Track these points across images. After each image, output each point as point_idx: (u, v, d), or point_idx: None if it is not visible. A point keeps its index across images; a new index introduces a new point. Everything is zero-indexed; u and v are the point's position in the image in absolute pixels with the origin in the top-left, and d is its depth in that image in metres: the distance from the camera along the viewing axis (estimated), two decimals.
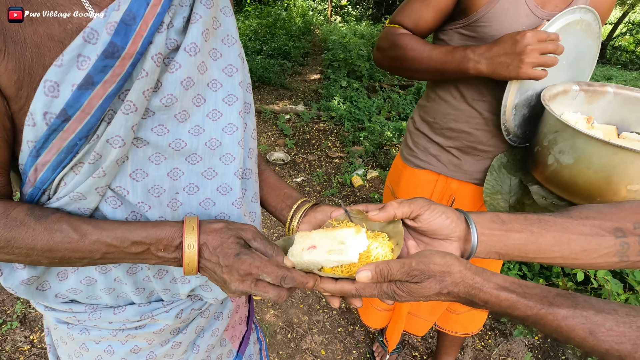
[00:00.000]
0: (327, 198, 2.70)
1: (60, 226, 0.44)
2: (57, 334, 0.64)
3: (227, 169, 0.54)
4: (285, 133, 3.63)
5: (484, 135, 0.98)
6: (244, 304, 0.81)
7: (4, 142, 0.43)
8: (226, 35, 0.52)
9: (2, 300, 1.63)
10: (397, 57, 0.94)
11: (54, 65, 0.39)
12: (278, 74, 5.23)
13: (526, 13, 0.83)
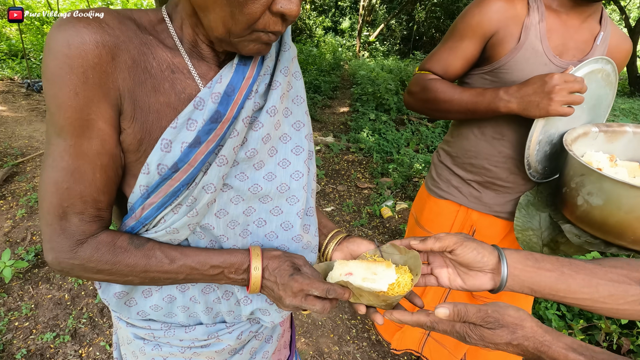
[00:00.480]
0: (356, 228, 2.75)
1: (155, 253, 0.53)
2: (128, 349, 0.71)
3: (291, 209, 0.61)
4: (316, 164, 3.75)
5: (502, 172, 1.02)
6: (287, 329, 0.87)
7: (115, 185, 0.52)
8: (296, 96, 0.61)
9: (57, 315, 1.76)
10: (429, 99, 1.00)
11: (170, 127, 0.48)
12: (309, 107, 5.47)
13: (545, 62, 0.89)
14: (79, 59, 0.42)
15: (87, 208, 0.50)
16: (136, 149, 0.50)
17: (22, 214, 2.46)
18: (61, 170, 0.47)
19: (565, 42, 0.90)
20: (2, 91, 4.81)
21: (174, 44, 0.50)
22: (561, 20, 0.90)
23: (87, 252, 0.50)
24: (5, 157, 3.19)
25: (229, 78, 0.50)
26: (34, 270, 2.00)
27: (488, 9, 0.90)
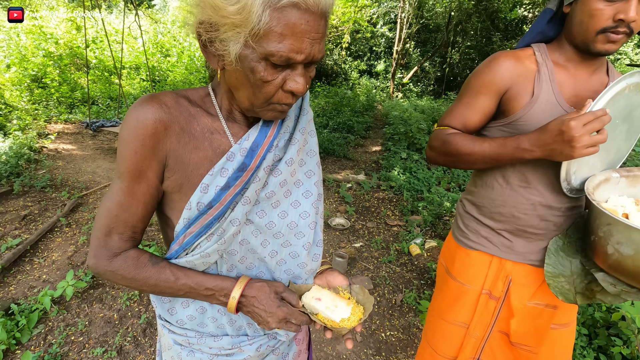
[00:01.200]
0: (384, 265, 2.78)
1: (165, 271, 0.68)
2: (168, 354, 0.83)
3: (298, 242, 0.74)
4: (346, 200, 3.88)
5: (532, 219, 1.00)
6: (304, 350, 0.96)
7: (149, 216, 0.69)
8: (310, 150, 0.76)
9: (106, 332, 1.95)
10: (450, 152, 1.01)
11: (208, 174, 0.63)
12: (342, 146, 5.69)
13: (561, 112, 0.91)
14: (141, 130, 0.60)
15: (127, 231, 0.66)
16: (178, 191, 0.66)
17: (83, 240, 2.77)
18: (115, 202, 0.64)
19: (578, 93, 0.93)
20: (73, 132, 5.50)
21: (216, 112, 0.67)
22: (570, 74, 0.94)
23: (119, 262, 0.66)
24: (73, 190, 3.63)
25: (255, 137, 0.65)
26: (90, 291, 2.24)
27: (498, 67, 0.94)
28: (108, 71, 8.27)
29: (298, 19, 0.50)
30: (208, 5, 0.52)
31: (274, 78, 0.55)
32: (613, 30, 0.82)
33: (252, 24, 0.50)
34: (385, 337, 2.09)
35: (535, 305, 1.08)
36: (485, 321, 1.13)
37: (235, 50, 0.53)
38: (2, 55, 6.74)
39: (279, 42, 0.51)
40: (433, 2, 12.15)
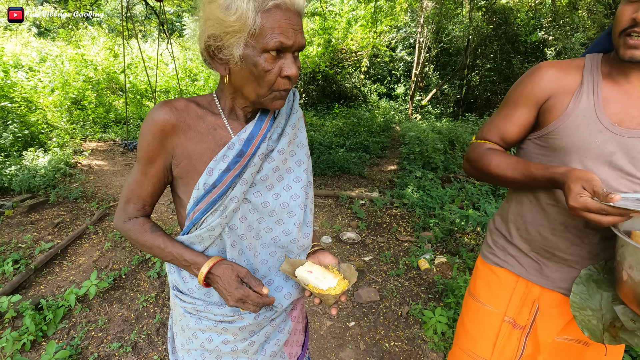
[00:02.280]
0: (392, 278, 2.81)
1: (158, 238, 0.81)
2: (179, 325, 0.94)
3: (290, 220, 0.86)
4: (358, 216, 3.95)
5: (561, 242, 0.93)
6: (301, 330, 1.05)
7: (158, 195, 0.84)
8: (300, 143, 0.89)
9: (123, 329, 2.08)
10: (484, 171, 0.99)
11: (213, 160, 0.77)
12: (357, 164, 5.80)
13: (600, 129, 0.84)
14: (153, 127, 0.75)
15: (139, 202, 0.83)
16: (186, 176, 0.80)
17: (108, 246, 2.97)
18: (133, 180, 0.82)
19: (627, 111, 0.84)
20: (106, 150, 5.90)
21: (219, 112, 0.81)
22: (621, 89, 0.85)
23: (129, 225, 0.83)
24: (102, 201, 3.90)
25: (251, 129, 0.79)
26: (111, 292, 2.40)
27: (541, 76, 0.91)
28: (140, 94, 8.86)
29: (282, 16, 0.65)
30: (214, 21, 0.67)
31: (273, 67, 0.69)
32: (630, 30, 0.76)
33: (249, 27, 0.65)
34: (389, 347, 2.11)
35: (565, 341, 0.99)
36: (507, 357, 1.05)
37: (238, 53, 0.67)
38: (48, 80, 7.40)
39: (272, 34, 0.65)
40: (452, 27, 12.37)
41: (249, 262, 0.86)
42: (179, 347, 0.96)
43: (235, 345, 0.89)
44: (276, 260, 0.89)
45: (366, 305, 2.48)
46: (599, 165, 0.86)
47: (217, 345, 0.89)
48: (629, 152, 0.83)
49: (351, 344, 2.11)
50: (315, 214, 4.04)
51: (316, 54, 11.13)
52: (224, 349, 0.89)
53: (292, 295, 0.91)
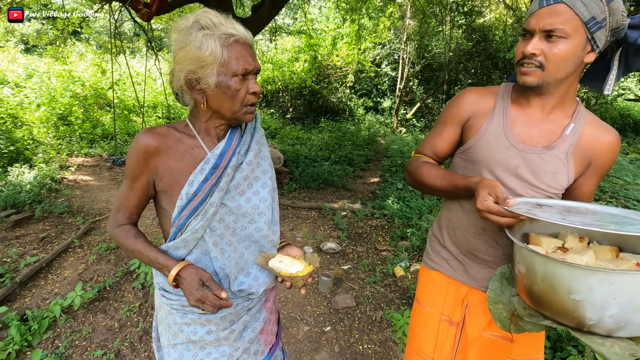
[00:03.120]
0: (369, 285, 2.95)
1: (139, 243, 0.95)
2: (164, 323, 1.05)
3: (261, 219, 1.01)
4: (340, 227, 4.09)
5: (481, 244, 1.06)
6: (274, 321, 1.19)
7: (142, 206, 0.98)
8: (264, 155, 1.04)
9: (107, 338, 2.16)
10: (419, 181, 1.12)
11: (193, 174, 0.91)
12: (341, 177, 5.97)
13: (507, 146, 0.99)
14: (138, 149, 0.90)
15: (126, 212, 0.97)
16: (169, 189, 0.94)
17: (93, 259, 3.04)
18: (122, 193, 0.96)
19: (529, 131, 0.99)
20: (92, 165, 5.95)
21: (194, 134, 0.96)
22: (525, 112, 1.00)
23: (117, 231, 0.97)
24: (87, 216, 3.96)
25: (223, 146, 0.94)
26: (95, 303, 2.48)
27: (464, 100, 1.07)
28: (128, 110, 8.95)
29: (241, 48, 0.85)
30: (191, 59, 0.83)
31: (242, 87, 0.87)
32: (523, 61, 0.91)
33: (219, 59, 0.82)
34: (363, 349, 2.23)
35: (491, 336, 1.10)
36: (447, 352, 1.17)
37: (213, 81, 0.84)
38: (34, 96, 7.45)
39: (237, 62, 0.84)
40: (434, 44, 12.86)
41: (230, 257, 0.99)
42: (164, 344, 1.08)
43: (218, 334, 1.02)
44: (251, 253, 1.04)
45: (342, 310, 2.60)
46: (508, 176, 1.00)
47: (202, 335, 1.01)
48: (530, 166, 0.98)
49: (326, 347, 2.23)
50: (298, 226, 4.17)
51: (302, 69, 11.42)
52: (208, 339, 1.01)
53: (266, 283, 1.05)
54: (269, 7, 5.15)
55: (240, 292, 1.01)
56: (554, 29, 0.85)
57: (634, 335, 0.71)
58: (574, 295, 0.71)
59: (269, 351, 1.13)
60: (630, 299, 0.68)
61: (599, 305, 0.70)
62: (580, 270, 0.70)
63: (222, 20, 0.83)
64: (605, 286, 0.68)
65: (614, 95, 12.93)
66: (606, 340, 0.71)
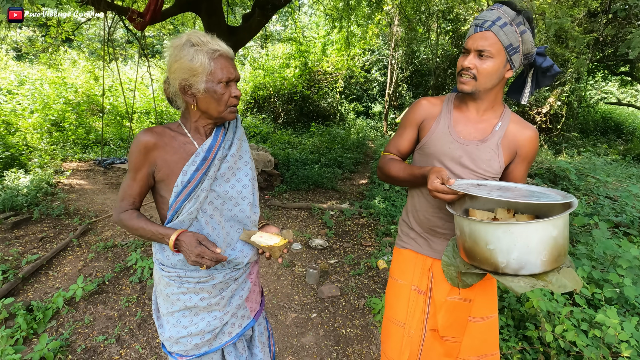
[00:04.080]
0: (353, 277, 3.14)
1: (141, 222, 1.12)
2: (162, 294, 1.23)
3: (244, 202, 1.21)
4: (328, 225, 4.28)
5: (439, 221, 1.29)
6: (258, 292, 1.38)
7: (144, 194, 1.16)
8: (245, 149, 1.24)
9: (107, 326, 2.32)
10: (387, 174, 1.33)
11: (186, 165, 1.10)
12: (331, 179, 6.18)
13: (451, 141, 1.23)
14: (138, 145, 1.08)
15: (130, 199, 1.15)
16: (166, 178, 1.12)
17: (91, 257, 3.19)
18: (125, 184, 1.14)
19: (467, 129, 1.24)
20: (86, 170, 6.08)
21: (186, 133, 1.15)
22: (464, 115, 1.25)
23: (123, 215, 1.13)
24: (84, 217, 4.10)
25: (210, 141, 1.14)
26: (95, 295, 2.63)
27: (417, 107, 1.31)
28: (120, 115, 9.07)
29: (224, 61, 1.05)
30: (185, 69, 1.03)
31: (226, 91, 1.07)
32: (461, 72, 1.15)
33: (207, 69, 1.03)
34: (345, 333, 2.42)
35: (455, 300, 1.30)
36: (417, 318, 1.34)
37: (202, 86, 1.04)
38: (27, 103, 7.55)
39: (221, 73, 1.04)
40: (422, 50, 13.22)
41: (219, 233, 1.17)
42: (163, 313, 1.26)
43: (210, 300, 1.20)
44: (236, 231, 1.23)
45: (327, 299, 2.79)
46: (454, 165, 1.24)
47: (196, 302, 1.19)
48: (470, 156, 1.22)
49: (312, 331, 2.42)
50: (288, 225, 4.35)
51: (293, 75, 11.67)
52: (202, 304, 1.20)
53: (249, 255, 1.24)
54: (259, 16, 5.38)
55: (228, 262, 1.20)
56: (484, 50, 1.10)
57: (534, 273, 0.93)
58: (489, 245, 0.93)
59: (254, 316, 1.32)
60: (524, 244, 0.91)
61: (505, 250, 0.92)
62: (490, 225, 0.94)
63: (209, 39, 1.04)
64: (507, 236, 0.91)
65: (596, 99, 13.40)
66: (514, 278, 0.94)
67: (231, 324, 1.25)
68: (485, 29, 1.10)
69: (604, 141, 11.35)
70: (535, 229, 0.91)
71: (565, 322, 1.93)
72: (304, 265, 3.33)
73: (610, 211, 4.01)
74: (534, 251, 0.91)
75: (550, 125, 10.69)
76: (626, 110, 13.90)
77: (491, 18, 1.09)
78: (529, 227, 0.91)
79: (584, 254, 2.62)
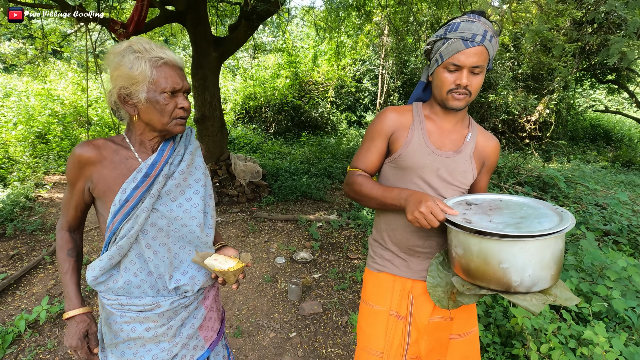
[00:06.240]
0: (337, 292, 3.03)
1: (66, 263, 1.08)
2: (106, 324, 1.11)
3: (193, 223, 1.11)
4: (314, 237, 4.18)
5: (418, 239, 1.21)
6: (216, 319, 1.26)
7: (80, 210, 1.09)
8: (197, 165, 1.15)
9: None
10: (356, 192, 1.22)
11: (126, 182, 1.01)
12: (320, 189, 6.09)
13: (428, 152, 1.16)
14: (74, 159, 1.00)
15: (67, 215, 1.09)
16: (103, 195, 1.03)
17: None
18: (65, 196, 1.08)
19: (442, 140, 1.19)
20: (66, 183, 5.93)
21: (130, 146, 1.07)
22: (437, 125, 1.20)
23: (59, 235, 1.10)
24: None
25: (154, 157, 1.05)
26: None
27: (385, 118, 1.21)
28: (108, 127, 8.96)
29: (169, 69, 0.97)
30: (123, 77, 0.95)
31: (170, 102, 0.99)
32: (455, 91, 1.10)
33: (148, 78, 0.95)
34: (326, 353, 2.31)
35: (435, 320, 1.23)
36: (397, 346, 1.24)
37: (143, 96, 0.96)
38: (11, 115, 7.41)
39: (165, 82, 0.96)
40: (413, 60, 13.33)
41: (164, 257, 1.07)
42: (107, 344, 1.14)
43: (156, 330, 1.09)
44: (186, 253, 1.13)
45: (309, 317, 2.67)
46: (433, 177, 1.18)
47: (140, 332, 1.08)
48: (447, 168, 1.18)
49: (290, 352, 2.29)
50: (273, 237, 4.24)
51: (284, 85, 11.66)
52: (147, 335, 1.09)
53: (201, 282, 1.14)
54: (245, 26, 5.35)
55: (176, 289, 1.10)
56: (478, 65, 1.07)
57: (543, 288, 0.91)
58: (503, 264, 0.88)
59: (209, 346, 1.21)
60: (540, 259, 0.88)
61: (520, 268, 0.88)
62: (505, 242, 0.87)
63: (153, 47, 0.96)
64: (524, 252, 0.87)
65: (584, 106, 13.55)
66: (526, 296, 0.90)
67: (181, 356, 1.14)
68: (477, 43, 1.05)
69: (593, 148, 11.44)
70: (549, 243, 0.88)
71: (552, 340, 1.84)
72: (286, 281, 3.22)
73: (600, 219, 3.96)
74: (547, 266, 0.89)
75: (539, 133, 10.76)
76: (614, 118, 14.06)
77: (479, 32, 1.05)
78: (544, 241, 0.87)
79: (572, 265, 2.54)
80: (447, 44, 1.08)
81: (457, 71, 1.09)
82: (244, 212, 5.06)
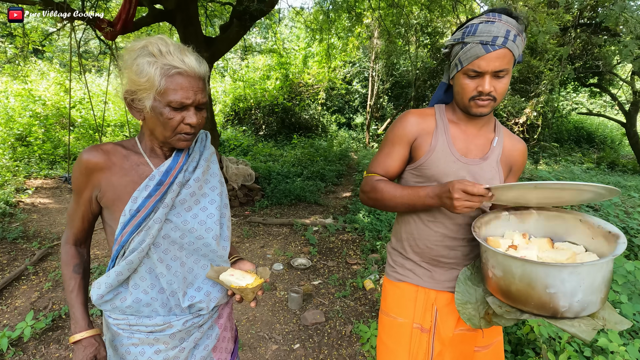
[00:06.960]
0: (339, 299, 2.94)
1: (72, 280, 0.99)
2: (112, 346, 1.01)
3: (208, 235, 1.00)
4: (311, 242, 4.08)
5: (442, 249, 1.15)
6: (229, 339, 1.16)
7: (87, 220, 0.98)
8: (213, 172, 1.05)
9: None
10: (377, 198, 1.16)
11: (137, 190, 0.91)
12: (314, 192, 6.00)
13: (453, 160, 1.10)
14: (81, 166, 0.90)
15: (74, 227, 1.00)
16: (112, 205, 0.93)
17: (48, 286, 2.87)
18: (71, 207, 0.98)
19: (467, 146, 1.12)
20: (52, 187, 5.68)
21: (141, 152, 0.96)
22: (461, 130, 1.13)
23: (64, 249, 1.01)
24: (44, 240, 3.75)
25: (168, 164, 0.94)
26: (49, 333, 2.33)
27: (407, 122, 1.14)
28: (92, 129, 8.66)
29: (183, 80, 0.85)
30: (131, 81, 0.85)
31: (175, 116, 0.88)
32: (478, 98, 1.03)
33: (155, 87, 0.84)
34: None
35: (460, 332, 1.18)
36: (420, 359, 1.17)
37: (149, 104, 0.86)
38: None
39: (174, 95, 0.85)
40: (402, 62, 13.38)
41: (177, 272, 0.97)
42: None
43: (167, 353, 0.99)
44: (201, 267, 1.02)
45: (312, 327, 2.58)
46: None
47: (150, 356, 0.98)
48: (474, 175, 1.11)
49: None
50: (269, 242, 4.13)
51: (274, 87, 11.54)
52: (156, 358, 0.98)
53: (217, 298, 1.04)
54: (237, 27, 5.22)
55: (190, 307, 1.00)
56: (502, 69, 0.99)
57: (592, 312, 0.85)
58: (550, 289, 0.82)
59: None
60: (590, 284, 0.82)
61: (569, 293, 0.82)
62: (553, 267, 0.82)
63: (172, 50, 0.84)
64: (574, 277, 0.81)
65: (568, 109, 13.85)
66: (574, 322, 0.84)
67: None
68: (499, 46, 0.97)
69: (577, 150, 11.69)
70: (600, 267, 0.83)
71: (567, 348, 1.79)
72: (286, 288, 3.11)
73: None
74: (597, 290, 0.84)
75: (527, 135, 10.92)
76: (597, 120, 14.42)
77: (501, 33, 0.97)
78: (596, 266, 0.82)
79: None
80: (465, 49, 1.01)
81: (478, 77, 1.02)
82: (237, 217, 4.92)
